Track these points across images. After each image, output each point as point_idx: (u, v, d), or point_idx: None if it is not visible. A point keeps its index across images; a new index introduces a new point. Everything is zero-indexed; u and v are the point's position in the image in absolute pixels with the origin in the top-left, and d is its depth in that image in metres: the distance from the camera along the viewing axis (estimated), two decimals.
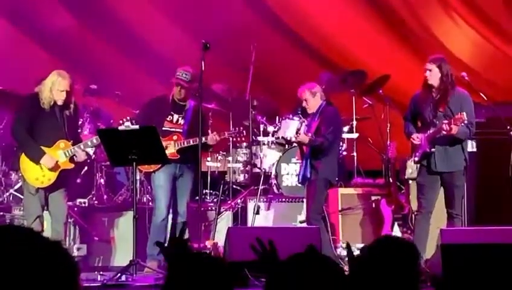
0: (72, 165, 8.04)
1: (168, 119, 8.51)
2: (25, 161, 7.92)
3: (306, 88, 8.75)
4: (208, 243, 8.59)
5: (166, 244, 3.22)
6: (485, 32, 11.41)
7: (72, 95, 7.98)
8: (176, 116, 8.53)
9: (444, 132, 7.63)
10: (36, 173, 7.89)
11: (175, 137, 8.43)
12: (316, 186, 8.54)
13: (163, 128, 8.39)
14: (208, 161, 10.22)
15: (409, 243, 3.43)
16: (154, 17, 11.45)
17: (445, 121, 7.64)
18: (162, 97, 8.65)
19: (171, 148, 8.31)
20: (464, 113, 7.52)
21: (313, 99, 8.71)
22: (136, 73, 11.50)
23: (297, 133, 8.70)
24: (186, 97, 8.56)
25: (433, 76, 7.86)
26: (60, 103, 7.87)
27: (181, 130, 8.49)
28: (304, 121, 9.19)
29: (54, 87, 7.83)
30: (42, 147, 7.88)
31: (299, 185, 8.98)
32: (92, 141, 8.11)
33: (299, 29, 11.62)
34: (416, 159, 7.96)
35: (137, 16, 11.52)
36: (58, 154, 7.93)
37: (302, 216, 9.25)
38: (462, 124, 7.58)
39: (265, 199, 9.66)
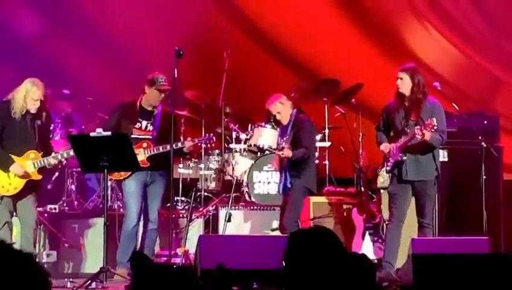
0: (39, 177, 7.90)
1: (136, 126, 8.39)
2: None
3: (275, 101, 8.72)
4: (179, 251, 8.56)
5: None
6: (458, 42, 11.48)
7: (45, 105, 7.87)
8: (144, 123, 8.40)
9: (418, 137, 7.60)
10: (2, 181, 7.77)
11: (145, 144, 8.30)
12: (295, 194, 8.56)
13: (132, 136, 8.22)
14: (180, 168, 10.18)
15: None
16: (126, 22, 11.40)
17: (418, 127, 7.62)
18: (129, 103, 8.49)
19: (141, 156, 8.15)
20: (434, 119, 7.51)
21: (285, 109, 8.71)
22: (108, 79, 11.43)
23: (277, 148, 8.68)
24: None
25: (405, 85, 7.84)
26: (33, 111, 7.76)
27: (150, 137, 8.38)
28: (277, 129, 9.18)
29: (28, 96, 7.72)
30: (11, 156, 7.78)
31: (279, 194, 8.91)
32: (62, 155, 7.95)
33: (273, 36, 11.63)
34: (388, 168, 7.94)
35: (109, 20, 11.47)
36: (27, 164, 7.80)
37: (275, 224, 9.23)
38: (433, 130, 7.57)
39: (237, 207, 9.63)
